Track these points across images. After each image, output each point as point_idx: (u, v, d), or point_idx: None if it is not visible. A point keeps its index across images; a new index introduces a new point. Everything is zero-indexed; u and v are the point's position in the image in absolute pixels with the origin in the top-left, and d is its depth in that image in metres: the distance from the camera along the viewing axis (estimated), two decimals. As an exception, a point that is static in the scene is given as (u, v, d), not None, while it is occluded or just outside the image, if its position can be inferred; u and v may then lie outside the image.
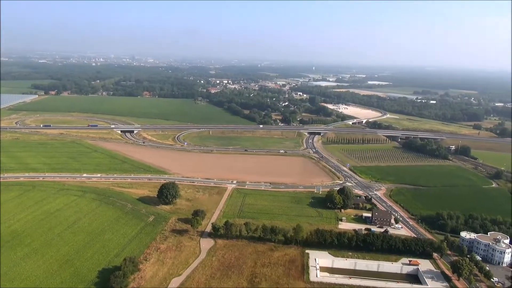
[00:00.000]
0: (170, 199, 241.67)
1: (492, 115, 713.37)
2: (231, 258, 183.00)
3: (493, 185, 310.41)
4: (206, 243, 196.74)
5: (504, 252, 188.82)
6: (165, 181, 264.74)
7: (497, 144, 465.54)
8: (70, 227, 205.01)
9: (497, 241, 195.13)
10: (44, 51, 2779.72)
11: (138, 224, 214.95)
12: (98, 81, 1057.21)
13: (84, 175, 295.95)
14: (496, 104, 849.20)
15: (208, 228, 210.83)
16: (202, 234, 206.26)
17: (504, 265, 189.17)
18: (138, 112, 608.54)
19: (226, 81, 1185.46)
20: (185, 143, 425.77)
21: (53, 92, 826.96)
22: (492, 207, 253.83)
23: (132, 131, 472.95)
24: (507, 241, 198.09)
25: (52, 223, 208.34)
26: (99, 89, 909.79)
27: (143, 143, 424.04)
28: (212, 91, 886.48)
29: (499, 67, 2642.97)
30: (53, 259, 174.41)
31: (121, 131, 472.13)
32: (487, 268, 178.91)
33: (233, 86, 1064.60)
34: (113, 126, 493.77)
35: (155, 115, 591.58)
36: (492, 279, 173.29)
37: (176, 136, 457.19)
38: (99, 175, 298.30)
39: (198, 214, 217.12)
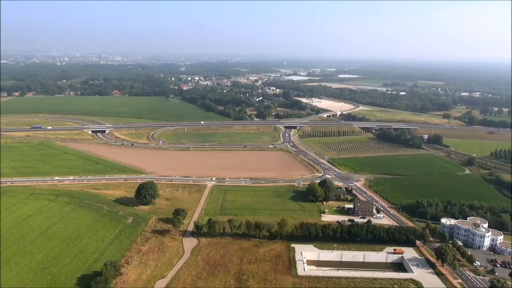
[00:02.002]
0: (149, 199, 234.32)
1: (459, 104, 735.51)
2: (216, 257, 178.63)
3: (466, 172, 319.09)
4: (189, 243, 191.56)
5: (484, 236, 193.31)
6: (142, 181, 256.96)
7: (467, 132, 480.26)
8: (44, 233, 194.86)
9: (477, 225, 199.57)
10: (4, 51, 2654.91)
11: (117, 226, 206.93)
12: (65, 80, 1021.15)
13: (56, 178, 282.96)
14: (462, 94, 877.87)
15: (191, 227, 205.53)
16: (185, 234, 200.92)
17: (484, 248, 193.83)
18: (108, 111, 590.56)
19: (198, 78, 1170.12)
20: (160, 141, 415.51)
21: (16, 93, 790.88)
22: (468, 193, 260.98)
23: (104, 131, 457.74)
24: (485, 225, 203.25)
25: (24, 230, 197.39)
26: (66, 89, 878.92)
27: (121, 143, 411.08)
28: (185, 88, 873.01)
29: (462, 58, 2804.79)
30: (28, 267, 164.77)
31: (92, 131, 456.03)
32: (469, 252, 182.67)
33: (205, 83, 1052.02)
34: (84, 126, 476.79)
35: (127, 113, 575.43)
36: (474, 263, 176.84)
37: (151, 135, 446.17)
38: (71, 177, 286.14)
39: (179, 213, 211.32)
